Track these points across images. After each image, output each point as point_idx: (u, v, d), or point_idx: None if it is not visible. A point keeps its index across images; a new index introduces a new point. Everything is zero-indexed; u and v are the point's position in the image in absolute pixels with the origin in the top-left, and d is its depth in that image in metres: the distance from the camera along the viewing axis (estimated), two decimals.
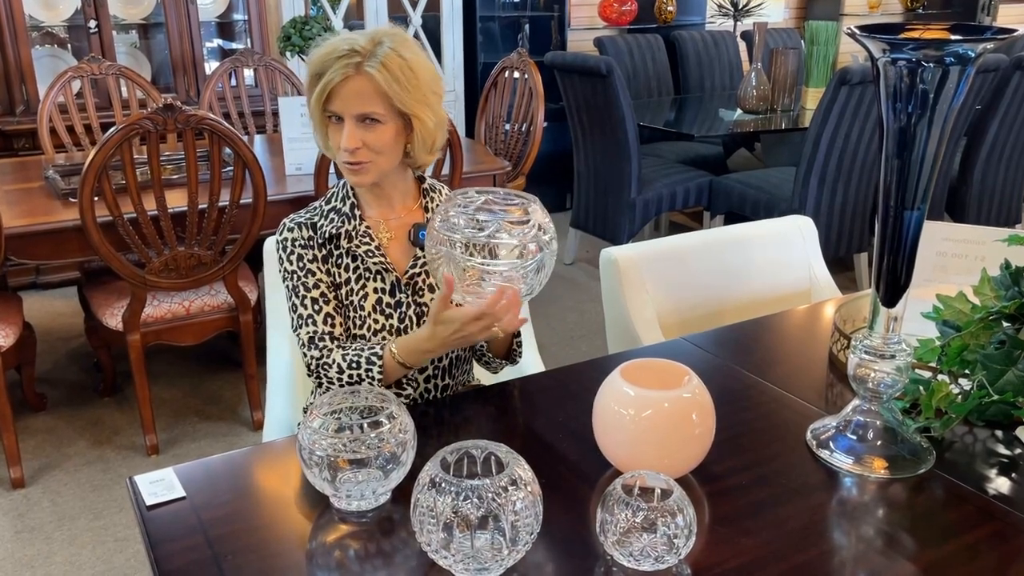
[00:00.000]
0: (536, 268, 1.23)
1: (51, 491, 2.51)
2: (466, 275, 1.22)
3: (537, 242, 1.22)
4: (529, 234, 1.21)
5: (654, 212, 4.05)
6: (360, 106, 1.37)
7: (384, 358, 1.40)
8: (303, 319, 1.45)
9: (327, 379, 1.43)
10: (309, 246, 1.47)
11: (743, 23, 5.50)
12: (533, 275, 1.23)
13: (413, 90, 1.38)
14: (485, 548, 0.96)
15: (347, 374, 1.41)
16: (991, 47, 1.06)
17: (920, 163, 1.12)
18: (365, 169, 1.41)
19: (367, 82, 1.36)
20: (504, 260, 1.21)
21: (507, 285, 1.23)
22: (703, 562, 1.03)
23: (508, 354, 1.53)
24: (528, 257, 1.21)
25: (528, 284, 1.24)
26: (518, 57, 3.62)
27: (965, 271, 1.48)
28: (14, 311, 2.60)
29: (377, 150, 1.39)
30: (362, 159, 1.39)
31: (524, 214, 1.23)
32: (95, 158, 2.27)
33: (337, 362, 1.42)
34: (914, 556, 1.05)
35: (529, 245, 1.21)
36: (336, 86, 1.36)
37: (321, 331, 1.44)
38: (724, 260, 2.03)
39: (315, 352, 1.43)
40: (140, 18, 4.17)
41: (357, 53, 1.36)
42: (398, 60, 1.37)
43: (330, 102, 1.37)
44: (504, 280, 1.22)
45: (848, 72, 3.37)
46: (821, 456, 1.25)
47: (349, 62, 1.35)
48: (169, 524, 1.11)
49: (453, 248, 1.21)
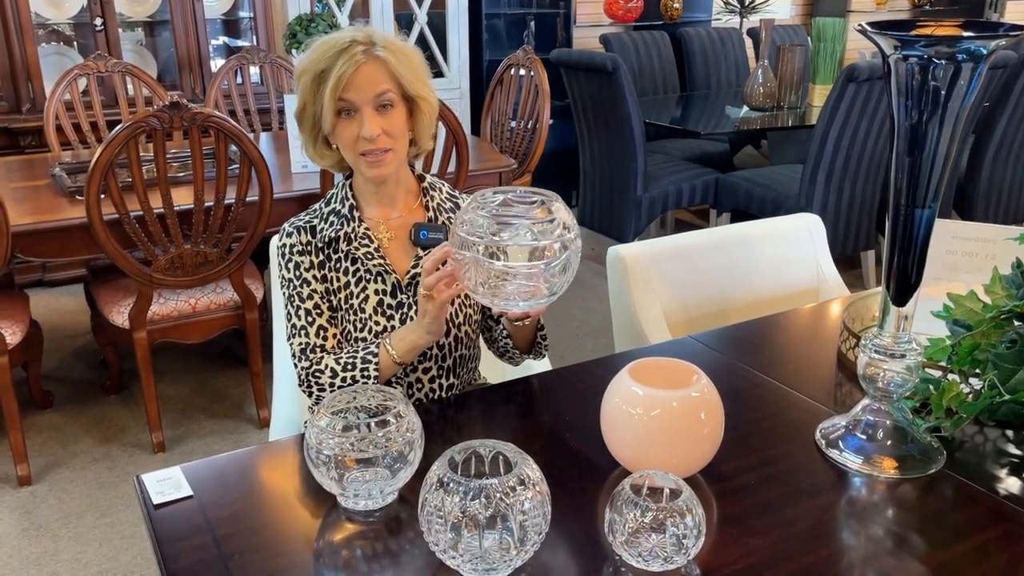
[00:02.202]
0: (562, 268, 1.20)
1: (57, 488, 2.51)
2: (492, 277, 1.19)
3: (562, 241, 1.19)
4: (555, 233, 1.19)
5: (660, 210, 4.04)
6: (375, 87, 1.38)
7: (380, 355, 1.40)
8: (296, 329, 1.46)
9: (318, 387, 1.43)
10: (307, 252, 1.46)
11: (749, 20, 5.49)
12: (559, 275, 1.20)
13: (416, 71, 1.42)
14: (493, 548, 0.95)
15: (340, 377, 1.41)
16: (1004, 44, 1.05)
17: (931, 161, 1.11)
18: (387, 158, 1.41)
19: (380, 66, 1.38)
20: (529, 262, 1.18)
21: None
22: (712, 562, 1.02)
23: (532, 348, 1.53)
24: (553, 257, 1.18)
25: (551, 284, 1.20)
26: (524, 54, 3.61)
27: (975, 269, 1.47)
28: (21, 309, 2.60)
29: (394, 135, 1.41)
30: (383, 146, 1.39)
31: (547, 213, 1.21)
32: (101, 156, 2.27)
33: (330, 367, 1.41)
34: (924, 557, 1.04)
35: (554, 245, 1.18)
36: (351, 76, 1.36)
37: (313, 343, 1.45)
38: (732, 258, 2.02)
39: (305, 363, 1.44)
40: (146, 15, 4.17)
41: (359, 43, 1.37)
42: (393, 45, 1.40)
43: (346, 92, 1.37)
44: (528, 280, 1.19)
45: (855, 69, 3.35)
46: (830, 456, 1.24)
47: (355, 51, 1.36)
48: (176, 523, 1.11)
49: (477, 251, 1.17)
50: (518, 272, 1.17)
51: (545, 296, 1.21)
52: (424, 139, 1.49)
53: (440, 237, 1.47)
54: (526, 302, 1.20)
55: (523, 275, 1.17)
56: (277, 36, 4.17)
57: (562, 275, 1.21)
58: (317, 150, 1.47)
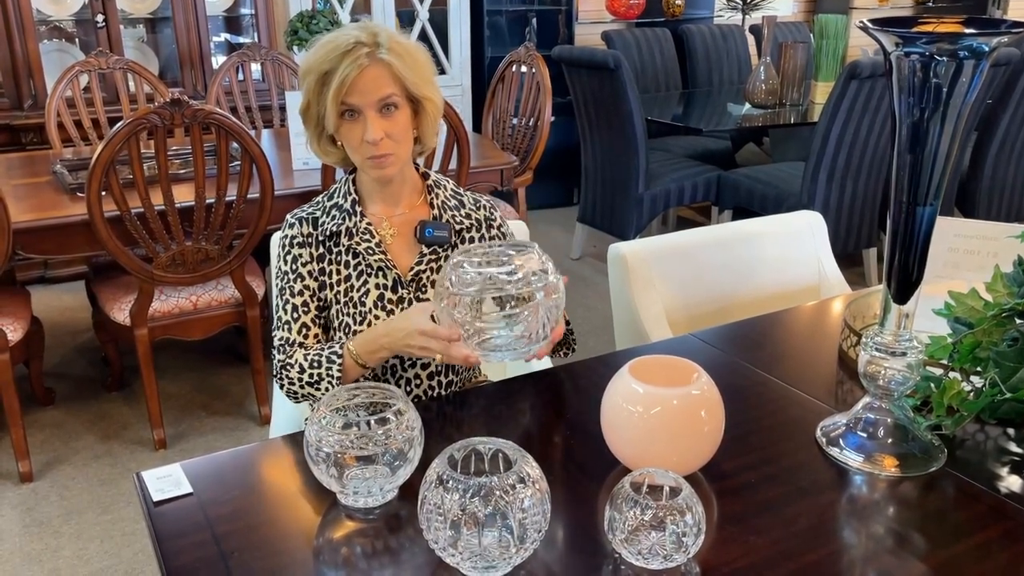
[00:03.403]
0: (545, 312, 1.23)
1: (59, 485, 2.51)
2: (474, 335, 1.24)
3: (536, 287, 1.23)
4: (525, 281, 1.23)
5: (662, 207, 4.04)
6: (379, 91, 1.37)
7: (343, 356, 1.40)
8: (281, 323, 1.47)
9: (288, 380, 1.43)
10: (307, 244, 1.47)
11: (751, 17, 5.48)
12: (544, 325, 1.23)
13: (420, 72, 1.41)
14: (493, 546, 0.95)
15: (308, 373, 1.41)
16: (1006, 41, 1.04)
17: (933, 159, 1.11)
18: (390, 160, 1.41)
19: (384, 69, 1.37)
20: (513, 328, 1.23)
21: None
22: (712, 561, 1.02)
23: (562, 345, 1.55)
24: (527, 304, 1.22)
25: (537, 329, 1.24)
26: (525, 51, 3.61)
27: (977, 267, 1.47)
28: (22, 305, 2.60)
29: (397, 139, 1.40)
30: (387, 150, 1.39)
31: (532, 260, 1.26)
32: (102, 153, 2.27)
33: (299, 362, 1.42)
34: (925, 555, 1.04)
35: (531, 291, 1.22)
36: (355, 79, 1.35)
37: (292, 338, 1.45)
38: (733, 256, 2.02)
39: (282, 356, 1.45)
40: (147, 12, 4.17)
41: (363, 44, 1.36)
42: (399, 46, 1.39)
43: (349, 96, 1.37)
44: (513, 330, 1.23)
45: (858, 66, 3.34)
46: (831, 454, 1.24)
47: (360, 53, 1.35)
48: (176, 520, 1.11)
49: (464, 308, 1.22)
50: (496, 327, 1.21)
51: (539, 341, 1.25)
52: (429, 138, 1.49)
53: (444, 235, 1.47)
54: (525, 348, 1.24)
55: (504, 328, 1.21)
56: (278, 33, 4.17)
57: (547, 325, 1.23)
58: (322, 147, 1.47)
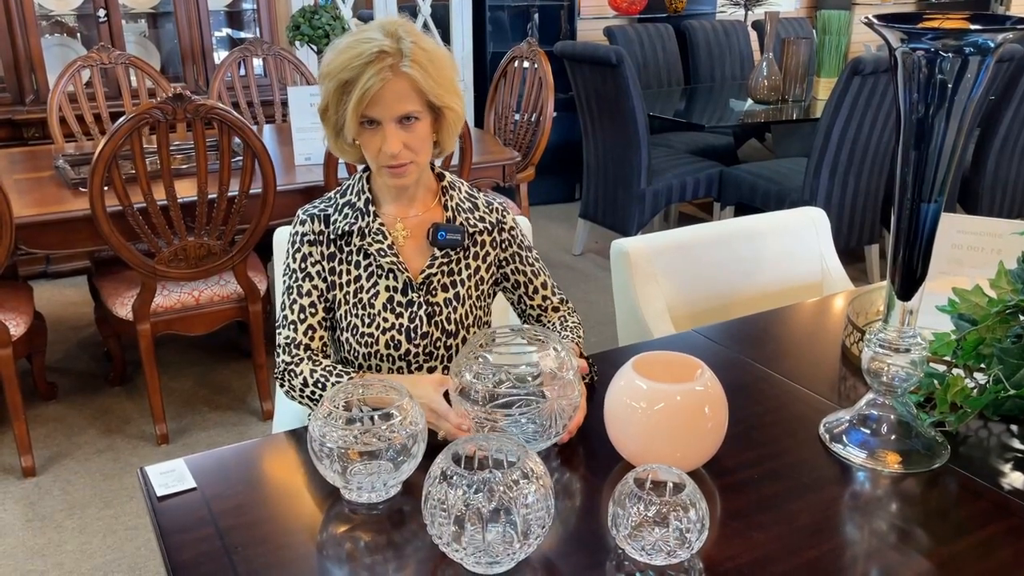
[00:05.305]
0: (557, 417, 1.22)
1: (62, 480, 2.52)
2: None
3: (550, 386, 1.21)
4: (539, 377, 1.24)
5: (664, 203, 4.03)
6: (401, 107, 1.34)
7: None
8: (287, 322, 1.46)
9: (290, 386, 1.43)
10: (318, 242, 1.45)
11: (754, 12, 5.46)
12: (557, 421, 1.22)
13: (443, 81, 1.37)
14: (496, 541, 0.95)
15: (310, 389, 1.40)
16: (1011, 37, 1.04)
17: (937, 155, 1.11)
18: (408, 170, 1.39)
19: (406, 82, 1.33)
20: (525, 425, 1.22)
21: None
22: (715, 556, 1.02)
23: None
24: (551, 410, 1.20)
25: (552, 429, 1.23)
26: (528, 47, 3.60)
27: (981, 264, 1.47)
28: (25, 300, 2.60)
29: (416, 149, 1.38)
30: (404, 160, 1.37)
31: (550, 357, 1.25)
32: (105, 148, 2.27)
33: (304, 375, 1.41)
34: (928, 552, 1.04)
35: (550, 396, 1.21)
36: (376, 92, 1.32)
37: (299, 340, 1.44)
38: (736, 252, 2.02)
39: (287, 357, 1.44)
40: (149, 7, 4.16)
41: (387, 54, 1.31)
42: (422, 54, 1.35)
43: (369, 108, 1.34)
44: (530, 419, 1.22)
45: (860, 62, 3.34)
46: (834, 450, 1.24)
47: (383, 65, 1.31)
48: (180, 515, 1.11)
49: (476, 402, 1.22)
50: (507, 422, 1.20)
51: (552, 438, 1.23)
52: (448, 143, 1.46)
53: (458, 238, 1.46)
54: (537, 442, 1.22)
55: (513, 424, 1.21)
56: (280, 28, 4.16)
57: (562, 413, 1.22)
58: (339, 146, 1.45)
